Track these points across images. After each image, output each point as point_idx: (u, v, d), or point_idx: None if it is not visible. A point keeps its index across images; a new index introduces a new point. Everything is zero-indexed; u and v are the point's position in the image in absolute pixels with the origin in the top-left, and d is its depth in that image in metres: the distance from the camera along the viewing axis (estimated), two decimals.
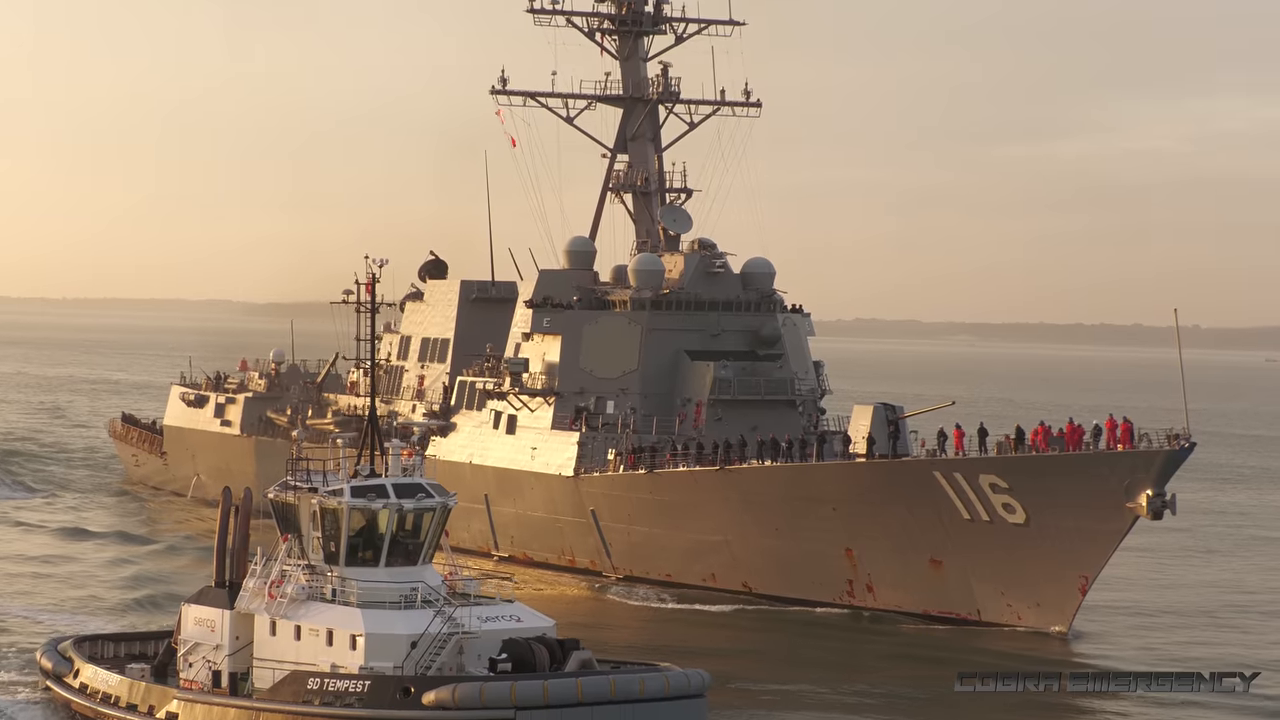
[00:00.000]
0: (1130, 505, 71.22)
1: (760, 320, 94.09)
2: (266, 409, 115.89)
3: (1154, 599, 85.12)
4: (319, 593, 48.10)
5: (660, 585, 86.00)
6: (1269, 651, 71.18)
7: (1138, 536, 78.14)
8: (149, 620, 70.88)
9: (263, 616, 48.73)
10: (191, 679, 50.22)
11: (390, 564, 48.14)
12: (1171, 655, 70.51)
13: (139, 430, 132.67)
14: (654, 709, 44.60)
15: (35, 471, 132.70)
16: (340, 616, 46.98)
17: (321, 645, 46.99)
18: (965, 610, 77.22)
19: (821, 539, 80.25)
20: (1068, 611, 74.29)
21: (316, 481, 49.02)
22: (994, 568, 75.74)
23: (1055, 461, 73.11)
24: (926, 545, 77.42)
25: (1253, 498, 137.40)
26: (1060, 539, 73.32)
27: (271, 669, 47.92)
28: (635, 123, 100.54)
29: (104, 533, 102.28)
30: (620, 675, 45.04)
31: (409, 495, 48.43)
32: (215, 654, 49.89)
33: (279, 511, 49.75)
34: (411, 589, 47.55)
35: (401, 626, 46.29)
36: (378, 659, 45.79)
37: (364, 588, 47.38)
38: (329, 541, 48.41)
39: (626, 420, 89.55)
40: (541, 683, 44.12)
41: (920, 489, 76.31)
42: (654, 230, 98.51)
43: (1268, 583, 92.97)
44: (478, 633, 46.44)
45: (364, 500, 47.95)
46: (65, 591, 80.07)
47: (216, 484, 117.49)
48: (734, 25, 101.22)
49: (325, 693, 45.42)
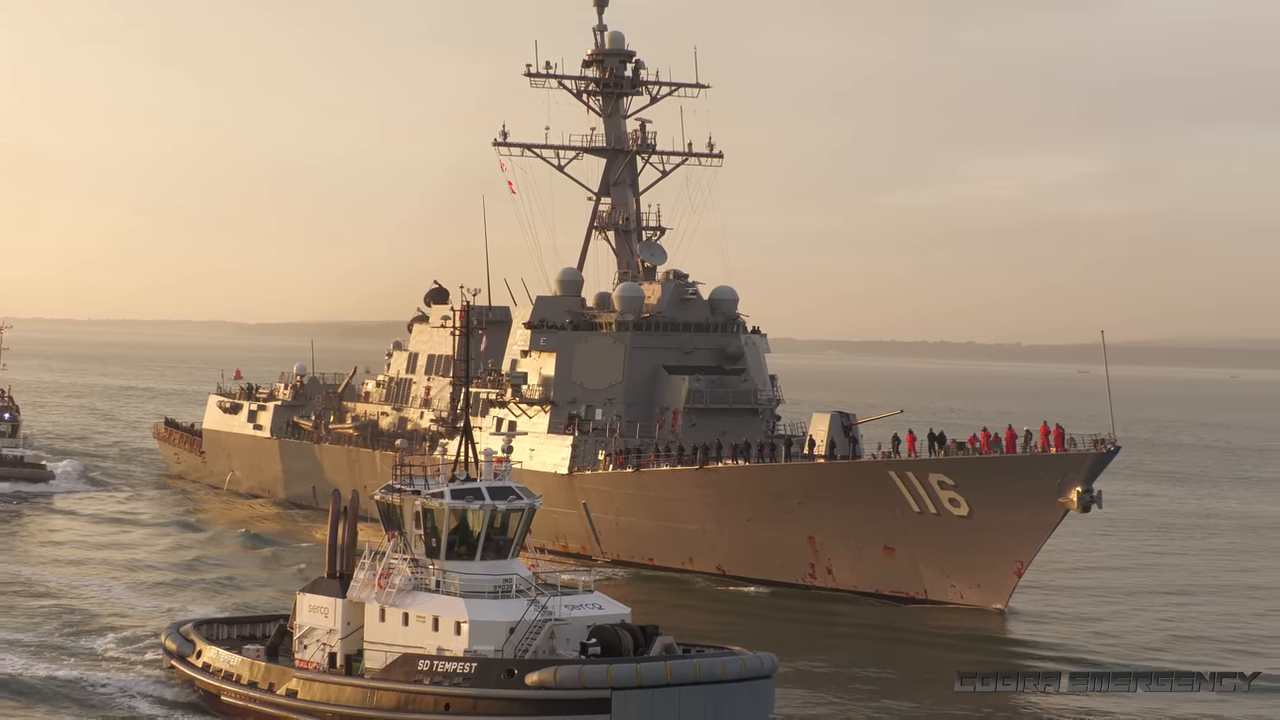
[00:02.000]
0: (1062, 500, 69.74)
1: (726, 340, 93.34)
2: (293, 415, 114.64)
3: (1082, 581, 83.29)
4: (423, 583, 46.14)
5: (643, 568, 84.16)
6: (1183, 624, 69.98)
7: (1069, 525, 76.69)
8: (222, 600, 69.32)
9: (373, 604, 46.78)
10: (307, 660, 48.13)
11: (484, 558, 46.21)
12: (1096, 628, 69.27)
13: (180, 433, 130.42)
14: (732, 689, 42.64)
15: (94, 467, 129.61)
16: (445, 605, 45.04)
17: (428, 630, 45.02)
18: (913, 590, 75.46)
19: (787, 528, 78.62)
20: (1005, 591, 72.75)
21: (419, 485, 46.97)
22: (940, 554, 74.11)
23: (996, 462, 71.57)
24: (880, 534, 75.68)
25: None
26: (999, 529, 71.68)
27: (382, 651, 45.90)
28: (616, 171, 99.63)
29: (162, 522, 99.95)
30: (704, 659, 43.10)
31: (501, 497, 46.58)
32: (329, 638, 47.84)
33: (384, 512, 47.76)
34: (505, 580, 45.72)
35: (501, 614, 44.42)
36: (480, 643, 43.82)
37: (464, 579, 45.45)
38: (430, 538, 46.43)
39: (613, 426, 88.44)
40: (635, 666, 42.15)
41: (876, 486, 74.65)
42: (634, 263, 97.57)
43: (1185, 564, 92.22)
44: (567, 619, 44.50)
45: (462, 502, 46.12)
46: (140, 575, 77.10)
47: (249, 479, 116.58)
48: (700, 88, 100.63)
49: (435, 673, 43.42)
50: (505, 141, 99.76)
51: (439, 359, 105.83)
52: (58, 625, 62.05)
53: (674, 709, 41.86)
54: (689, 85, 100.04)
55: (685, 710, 41.96)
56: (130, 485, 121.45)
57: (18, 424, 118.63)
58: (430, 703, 43.12)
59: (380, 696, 44.29)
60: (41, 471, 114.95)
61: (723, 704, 42.36)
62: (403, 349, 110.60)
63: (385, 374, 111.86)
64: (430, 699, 43.12)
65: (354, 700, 45.01)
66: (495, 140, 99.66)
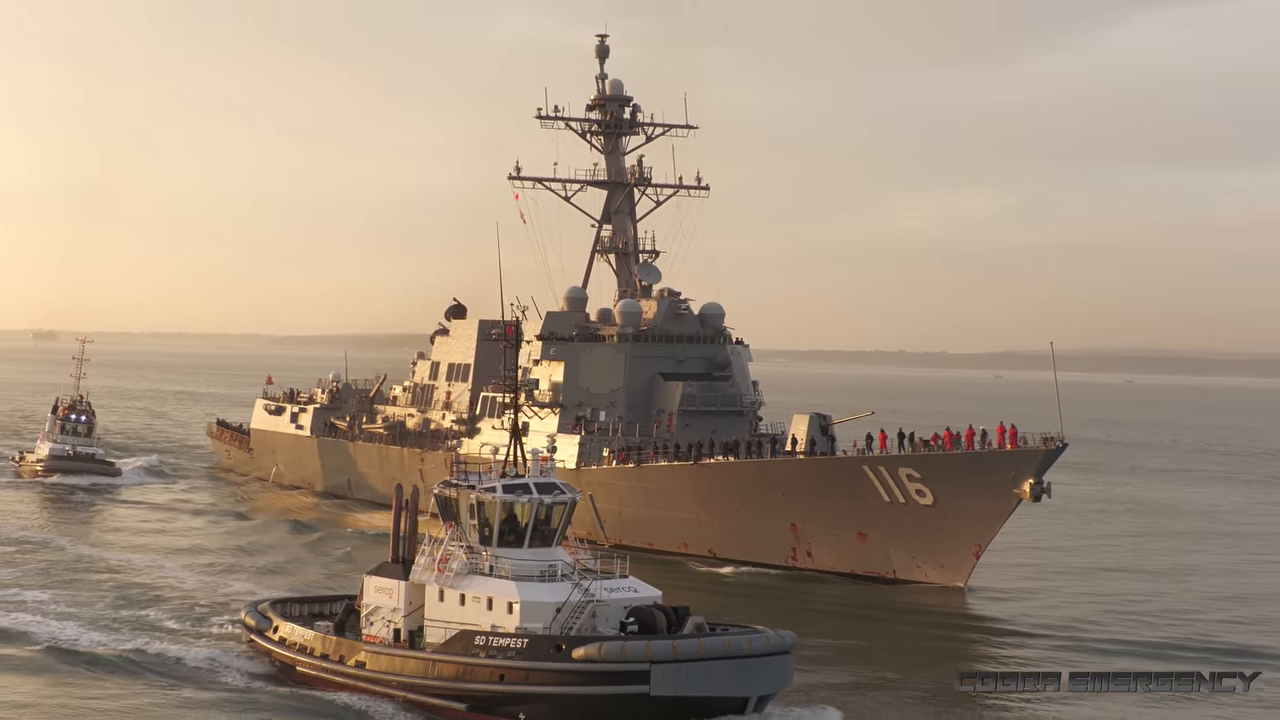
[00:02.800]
0: (1016, 491, 69.06)
1: (714, 350, 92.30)
2: (330, 416, 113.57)
3: (1036, 560, 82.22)
4: (478, 568, 45.33)
5: (643, 552, 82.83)
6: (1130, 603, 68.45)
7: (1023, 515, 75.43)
8: (275, 580, 68.33)
9: (433, 586, 45.98)
10: (373, 635, 47.29)
11: (531, 546, 45.41)
12: (1050, 603, 68.39)
13: (230, 431, 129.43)
14: (758, 663, 41.79)
15: (165, 463, 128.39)
16: (498, 587, 44.23)
17: (483, 610, 44.23)
18: (884, 570, 74.60)
19: (772, 516, 77.63)
20: (964, 571, 71.92)
21: (473, 481, 46.33)
22: (908, 538, 73.29)
23: (958, 458, 70.89)
24: (855, 521, 74.78)
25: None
26: (960, 516, 70.92)
27: (441, 628, 45.13)
28: (616, 201, 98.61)
29: (218, 510, 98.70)
30: (732, 636, 42.28)
31: (546, 492, 45.90)
32: (394, 615, 46.98)
33: (442, 505, 47.00)
34: (550, 565, 44.91)
35: (548, 595, 43.64)
36: (530, 621, 43.05)
37: (514, 564, 44.67)
38: (483, 527, 45.65)
39: (615, 426, 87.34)
40: (671, 642, 41.40)
41: (852, 479, 73.83)
42: (632, 282, 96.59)
43: (1128, 546, 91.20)
44: (607, 601, 43.73)
45: (512, 496, 45.39)
46: (205, 558, 75.85)
47: (291, 473, 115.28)
48: (689, 129, 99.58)
49: (490, 647, 42.68)
50: (519, 176, 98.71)
51: (458, 367, 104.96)
52: (139, 604, 60.75)
53: (705, 680, 41.16)
54: (679, 126, 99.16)
55: (715, 681, 41.26)
56: (187, 478, 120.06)
57: (93, 425, 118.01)
58: (486, 673, 42.47)
59: (441, 668, 43.58)
60: (111, 467, 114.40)
61: (748, 676, 41.63)
62: (426, 358, 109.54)
63: (410, 380, 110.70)
64: (486, 670, 42.45)
65: (417, 671, 44.30)
66: (510, 174, 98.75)
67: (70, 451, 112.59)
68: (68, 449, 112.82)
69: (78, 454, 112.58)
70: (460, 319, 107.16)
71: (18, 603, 59.59)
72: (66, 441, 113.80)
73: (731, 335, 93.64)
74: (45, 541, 79.03)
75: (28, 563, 71.28)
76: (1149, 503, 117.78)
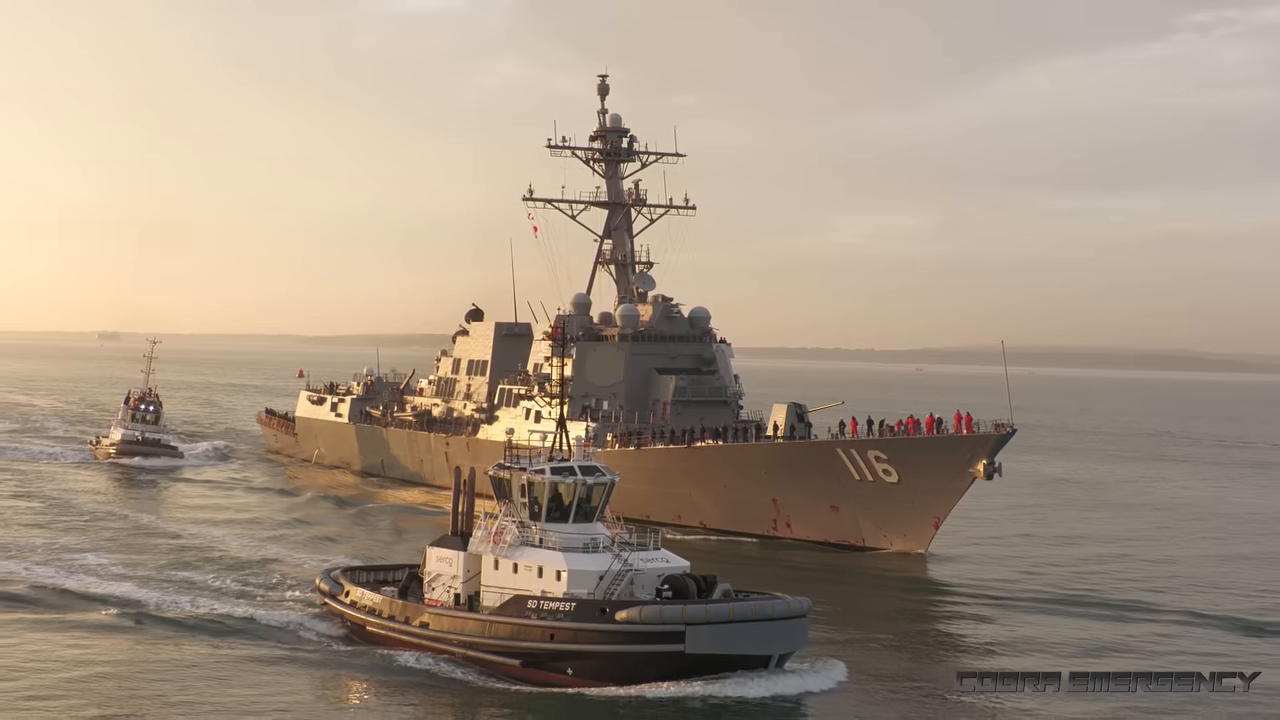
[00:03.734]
0: (971, 470, 67.71)
1: (702, 348, 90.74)
2: (365, 406, 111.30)
3: (988, 531, 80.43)
4: (528, 540, 43.73)
5: (642, 523, 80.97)
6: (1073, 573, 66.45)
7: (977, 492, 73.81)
8: (330, 548, 66.47)
9: (488, 556, 44.42)
10: (435, 599, 45.71)
11: (575, 521, 43.82)
12: (1000, 566, 66.89)
13: (277, 419, 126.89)
14: (780, 625, 40.47)
15: (229, 447, 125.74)
16: (547, 557, 42.71)
17: (533, 577, 42.72)
18: (853, 539, 73.05)
19: (755, 492, 76.07)
20: (925, 540, 70.64)
21: (524, 464, 44.78)
22: (875, 511, 71.89)
23: (921, 441, 69.47)
24: (828, 496, 73.31)
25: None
26: (922, 492, 69.69)
27: (496, 593, 43.64)
28: (616, 219, 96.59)
29: (273, 488, 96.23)
30: (758, 602, 40.83)
31: (589, 474, 44.30)
32: (453, 582, 45.44)
33: (496, 484, 45.29)
34: (592, 539, 43.37)
35: (592, 565, 42.14)
36: (576, 587, 41.61)
37: (561, 537, 43.15)
38: (532, 505, 44.05)
39: (617, 414, 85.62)
40: (704, 606, 40.03)
41: (826, 460, 72.33)
42: (630, 289, 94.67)
43: (1068, 517, 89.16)
44: (643, 570, 42.20)
45: (558, 477, 43.82)
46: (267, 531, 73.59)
47: (331, 455, 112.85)
48: (678, 156, 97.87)
49: (541, 610, 41.28)
50: (531, 197, 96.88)
51: (477, 363, 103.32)
52: (217, 571, 58.89)
53: (733, 640, 39.88)
54: (670, 154, 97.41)
55: (741, 641, 39.97)
56: (241, 459, 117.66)
57: (160, 414, 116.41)
58: (538, 633, 41.10)
59: (497, 628, 42.17)
60: (175, 450, 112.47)
61: (771, 636, 40.34)
62: (448, 355, 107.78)
63: (435, 374, 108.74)
64: (538, 630, 41.09)
65: (475, 630, 42.87)
66: (524, 196, 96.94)
67: (140, 437, 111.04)
68: (138, 434, 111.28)
69: (146, 439, 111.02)
70: (478, 321, 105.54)
71: (106, 571, 57.69)
72: (137, 428, 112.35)
73: (716, 335, 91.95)
74: (133, 518, 76.32)
75: (123, 537, 68.55)
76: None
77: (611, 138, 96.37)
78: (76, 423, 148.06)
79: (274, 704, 39.19)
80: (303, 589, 54.00)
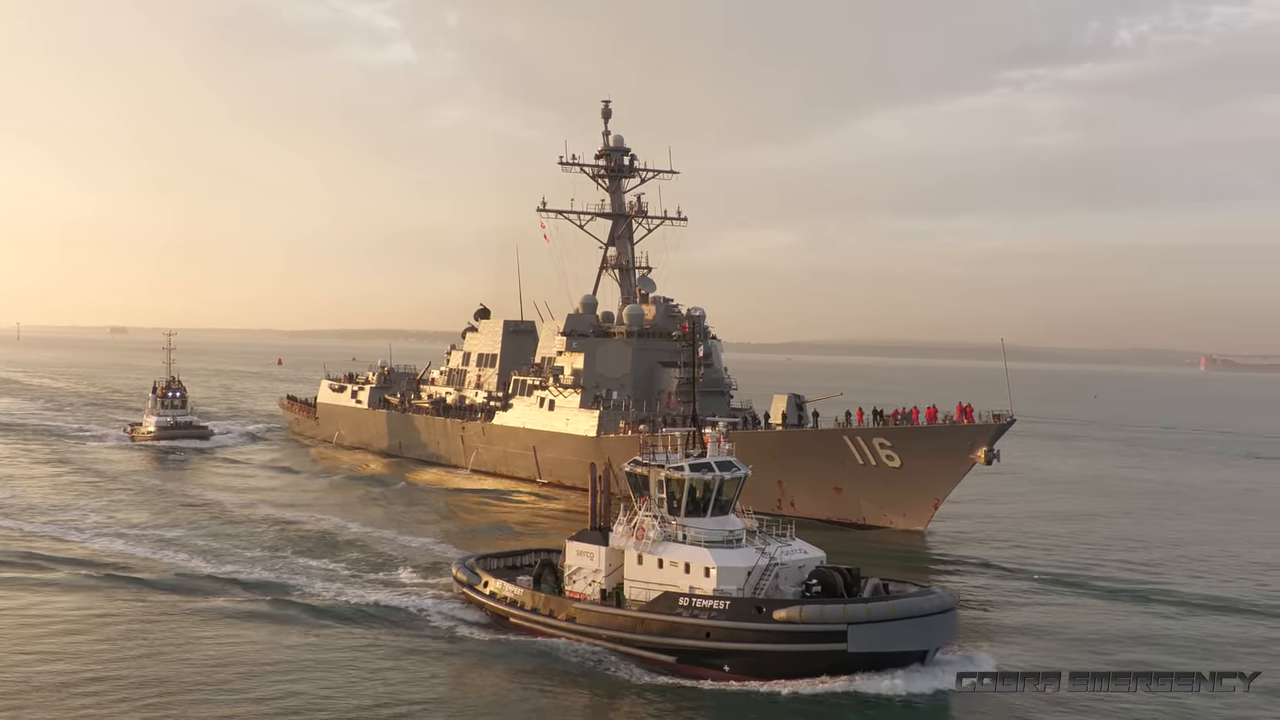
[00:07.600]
0: (972, 456, 62.61)
1: (699, 343, 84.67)
2: (383, 394, 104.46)
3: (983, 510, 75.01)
4: (671, 536, 37.67)
5: None
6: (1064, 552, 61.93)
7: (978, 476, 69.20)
8: (407, 526, 60.75)
9: (631, 551, 38.25)
10: (576, 592, 39.45)
11: (712, 515, 37.96)
12: (994, 544, 61.81)
13: (299, 404, 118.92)
14: (936, 619, 34.68)
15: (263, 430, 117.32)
16: (693, 554, 36.68)
17: (680, 573, 36.66)
18: (855, 518, 67.83)
19: (761, 475, 69.46)
20: (924, 519, 65.60)
21: (661, 460, 38.84)
22: (877, 492, 66.71)
23: (924, 430, 64.33)
24: (832, 479, 68.05)
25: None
26: (922, 475, 64.58)
27: (641, 588, 37.55)
28: (619, 228, 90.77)
29: (306, 470, 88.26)
30: (916, 598, 34.88)
31: (725, 469, 38.60)
32: (595, 576, 39.24)
33: (633, 480, 39.19)
34: (731, 532, 37.39)
35: (739, 561, 36.22)
36: (726, 584, 35.72)
37: (704, 533, 37.11)
38: (671, 500, 38.11)
39: (626, 403, 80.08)
40: (866, 606, 34.05)
41: (832, 446, 67.06)
42: (633, 291, 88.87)
43: (1057, 505, 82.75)
44: (785, 563, 36.39)
45: (697, 473, 37.94)
46: (358, 511, 66.60)
47: (350, 437, 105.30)
48: (673, 173, 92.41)
49: (694, 608, 35.20)
50: (544, 208, 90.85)
51: (487, 356, 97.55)
52: (333, 553, 52.10)
53: (894, 637, 34.22)
54: (666, 171, 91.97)
55: (902, 638, 34.31)
56: (267, 441, 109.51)
57: (186, 398, 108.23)
58: (693, 630, 35.15)
59: (649, 624, 36.06)
60: (204, 431, 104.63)
61: (928, 631, 34.71)
62: (459, 349, 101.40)
63: (447, 366, 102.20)
64: (693, 627, 35.11)
65: (626, 625, 36.77)
66: (538, 207, 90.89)
67: (173, 421, 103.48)
68: (170, 419, 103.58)
69: (178, 423, 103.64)
70: (486, 319, 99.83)
71: (234, 555, 51.13)
72: (168, 413, 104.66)
73: (710, 331, 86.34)
74: (221, 502, 68.44)
75: (215, 525, 60.11)
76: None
77: (615, 156, 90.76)
78: (101, 407, 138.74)
79: (451, 695, 33.40)
80: (421, 571, 47.56)
